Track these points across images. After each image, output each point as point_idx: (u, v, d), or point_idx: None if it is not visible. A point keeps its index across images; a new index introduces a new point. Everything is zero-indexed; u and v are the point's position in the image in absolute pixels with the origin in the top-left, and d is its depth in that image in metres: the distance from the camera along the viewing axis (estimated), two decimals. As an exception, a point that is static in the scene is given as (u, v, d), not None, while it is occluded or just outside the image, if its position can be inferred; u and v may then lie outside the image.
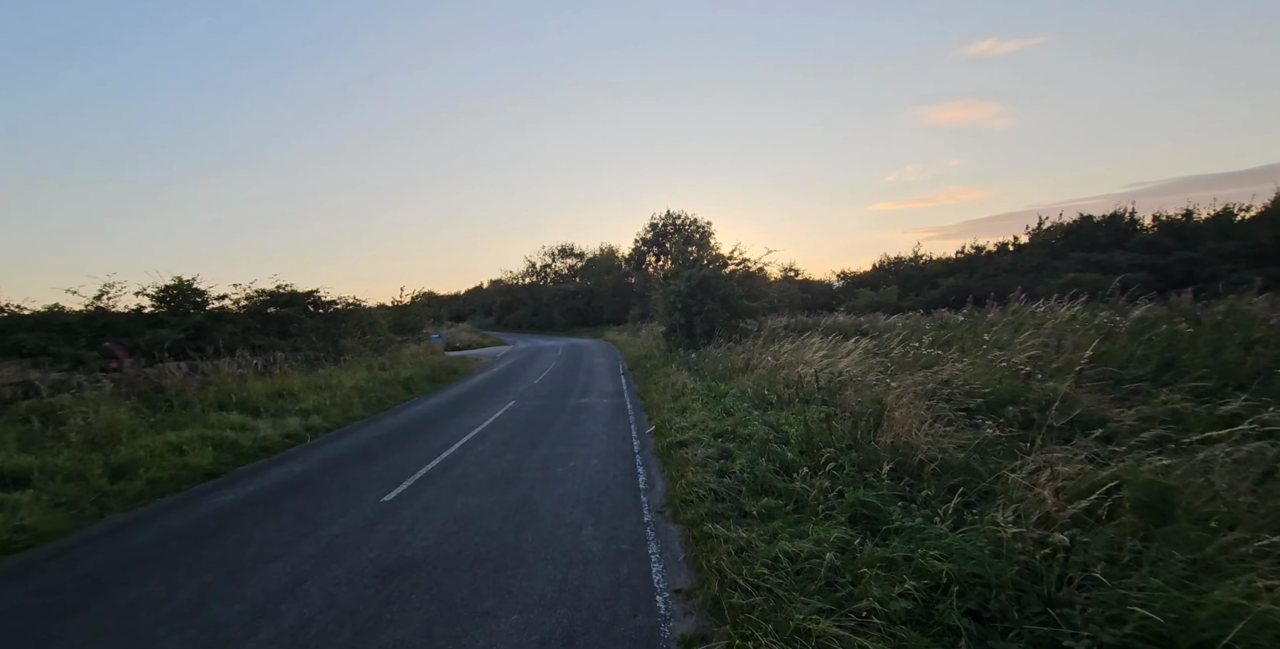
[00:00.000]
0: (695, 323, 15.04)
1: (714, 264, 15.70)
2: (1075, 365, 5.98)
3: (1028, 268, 30.01)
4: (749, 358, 10.84)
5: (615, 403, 10.81)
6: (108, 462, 5.89)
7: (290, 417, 9.27)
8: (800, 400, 6.76)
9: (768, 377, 8.98)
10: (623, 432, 8.14)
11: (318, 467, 6.87)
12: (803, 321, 22.18)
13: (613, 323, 46.24)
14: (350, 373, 13.58)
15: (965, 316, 11.25)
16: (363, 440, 8.43)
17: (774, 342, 12.29)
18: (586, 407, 10.45)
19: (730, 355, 11.92)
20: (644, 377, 13.89)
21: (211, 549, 4.35)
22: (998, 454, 3.96)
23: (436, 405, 11.71)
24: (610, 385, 13.45)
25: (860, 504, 3.63)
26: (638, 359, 18.12)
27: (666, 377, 11.88)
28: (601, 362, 19.91)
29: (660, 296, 16.69)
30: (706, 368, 11.81)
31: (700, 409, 7.95)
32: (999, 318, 10.80)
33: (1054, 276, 26.50)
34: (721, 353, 13.09)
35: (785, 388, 7.57)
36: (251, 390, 10.01)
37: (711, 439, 6.30)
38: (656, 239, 50.60)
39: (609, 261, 59.65)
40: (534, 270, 70.36)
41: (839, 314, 27.79)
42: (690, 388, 9.66)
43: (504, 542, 4.21)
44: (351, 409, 10.60)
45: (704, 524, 4.04)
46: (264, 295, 15.88)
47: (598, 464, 6.35)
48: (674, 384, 10.68)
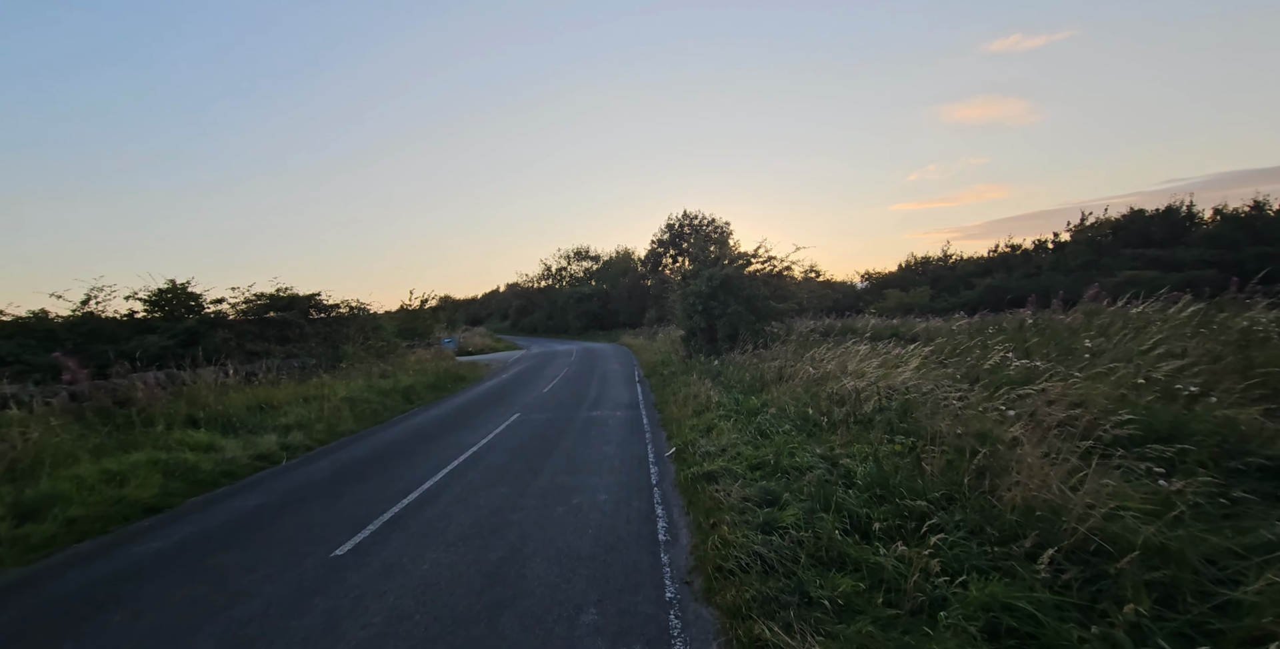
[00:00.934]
0: (717, 326, 13.78)
1: (736, 262, 14.42)
2: (1220, 381, 4.60)
3: (1072, 266, 28.02)
4: (781, 366, 9.56)
5: (630, 416, 9.63)
6: (19, 498, 4.91)
7: (267, 433, 8.29)
8: (856, 423, 5.49)
9: (807, 390, 7.70)
10: (638, 454, 6.95)
11: (277, 500, 5.81)
12: (831, 325, 20.75)
13: (628, 326, 45.12)
14: (347, 381, 12.65)
15: (1033, 319, 9.79)
16: (342, 463, 7.39)
17: (806, 347, 10.98)
18: (598, 421, 9.28)
19: (759, 363, 10.64)
20: (661, 385, 12.69)
21: (70, 640, 3.27)
22: (1203, 528, 2.62)
23: (435, 418, 10.67)
24: (625, 395, 12.27)
25: (1000, 607, 2.38)
26: (654, 365, 16.93)
27: (686, 386, 10.66)
28: (616, 368, 18.76)
29: (678, 298, 15.46)
30: (731, 377, 10.55)
31: (729, 429, 6.72)
32: (1076, 320, 9.35)
33: (1106, 275, 24.56)
34: (747, 360, 11.80)
35: (833, 405, 6.30)
36: (230, 403, 9.07)
37: (747, 472, 5.07)
38: (673, 240, 49.38)
39: (625, 264, 58.62)
40: (549, 273, 69.77)
41: (869, 316, 26.17)
42: (715, 401, 8.43)
43: (472, 634, 3.05)
44: (340, 423, 9.61)
45: (751, 618, 2.83)
46: (263, 299, 15.11)
47: (607, 501, 5.17)
48: (695, 396, 9.45)
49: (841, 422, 5.65)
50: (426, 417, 10.97)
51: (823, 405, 6.29)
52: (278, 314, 15.06)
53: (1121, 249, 26.63)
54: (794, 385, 8.31)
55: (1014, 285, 27.83)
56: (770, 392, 8.28)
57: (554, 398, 12.36)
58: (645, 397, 12.03)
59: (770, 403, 7.59)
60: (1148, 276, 20.21)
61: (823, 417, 6.10)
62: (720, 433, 6.69)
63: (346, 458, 7.68)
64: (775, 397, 7.78)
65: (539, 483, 5.87)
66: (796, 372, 9.22)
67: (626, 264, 58.25)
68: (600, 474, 6.10)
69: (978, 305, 26.46)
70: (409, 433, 9.25)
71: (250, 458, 7.30)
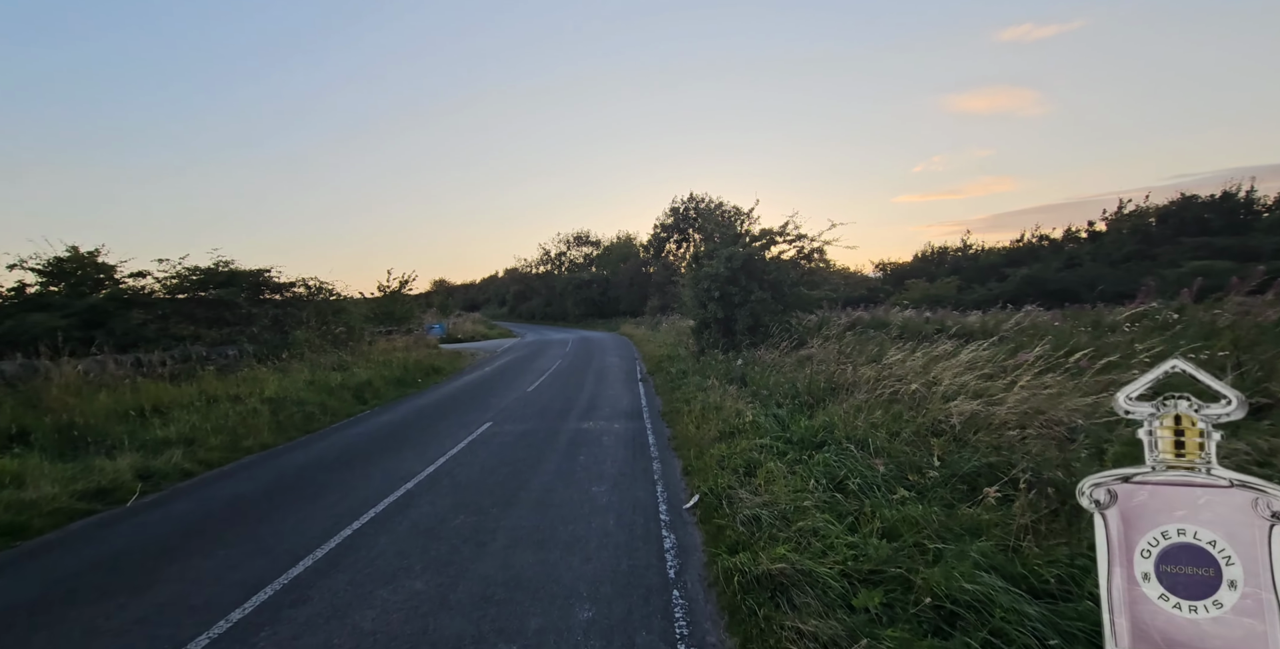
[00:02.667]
0: (737, 316, 11.42)
1: (760, 240, 12.00)
2: None
3: (1115, 257, 25.56)
4: (833, 372, 7.22)
5: (630, 431, 7.33)
6: None
7: (129, 453, 5.98)
8: (1035, 487, 3.14)
9: (887, 410, 5.37)
10: (644, 504, 4.65)
11: (70, 578, 3.52)
12: (858, 317, 18.35)
13: (629, 315, 42.79)
14: (283, 376, 10.33)
15: (1178, 312, 7.43)
16: (211, 505, 5.09)
17: (862, 346, 8.64)
18: (589, 437, 6.98)
19: (799, 366, 8.29)
20: (669, 386, 10.38)
21: None
22: None
23: (380, 428, 8.36)
24: (625, 399, 9.96)
25: None
26: (659, 360, 14.62)
27: (703, 392, 8.35)
28: (615, 362, 16.45)
29: (689, 283, 13.07)
30: (760, 381, 8.23)
31: (783, 473, 4.40)
32: (1204, 316, 7.03)
33: (1163, 267, 22.11)
34: (778, 359, 9.47)
35: (952, 445, 3.97)
36: (90, 409, 6.74)
37: (844, 582, 2.77)
38: (678, 225, 46.73)
39: (626, 250, 56.04)
40: (548, 258, 67.26)
41: (894, 309, 23.75)
42: (749, 421, 6.11)
43: None
44: (249, 435, 7.29)
45: None
46: (196, 274, 12.72)
47: (591, 621, 2.87)
48: (718, 407, 7.13)
49: (983, 479, 3.31)
50: (372, 424, 8.65)
51: (944, 445, 3.96)
52: (214, 292, 12.68)
53: (1177, 238, 24.12)
54: (858, 401, 5.97)
55: (1053, 276, 25.42)
56: (827, 409, 5.95)
57: (538, 400, 10.05)
58: (650, 401, 9.72)
59: (833, 427, 5.25)
60: (1221, 267, 17.87)
61: (935, 466, 3.77)
62: (771, 478, 4.36)
63: (226, 495, 5.37)
64: (839, 418, 5.44)
65: (482, 568, 3.56)
66: (852, 379, 6.89)
67: (628, 249, 55.70)
68: (584, 550, 3.79)
69: (1016, 297, 24.06)
70: (335, 451, 6.95)
71: (75, 497, 4.98)
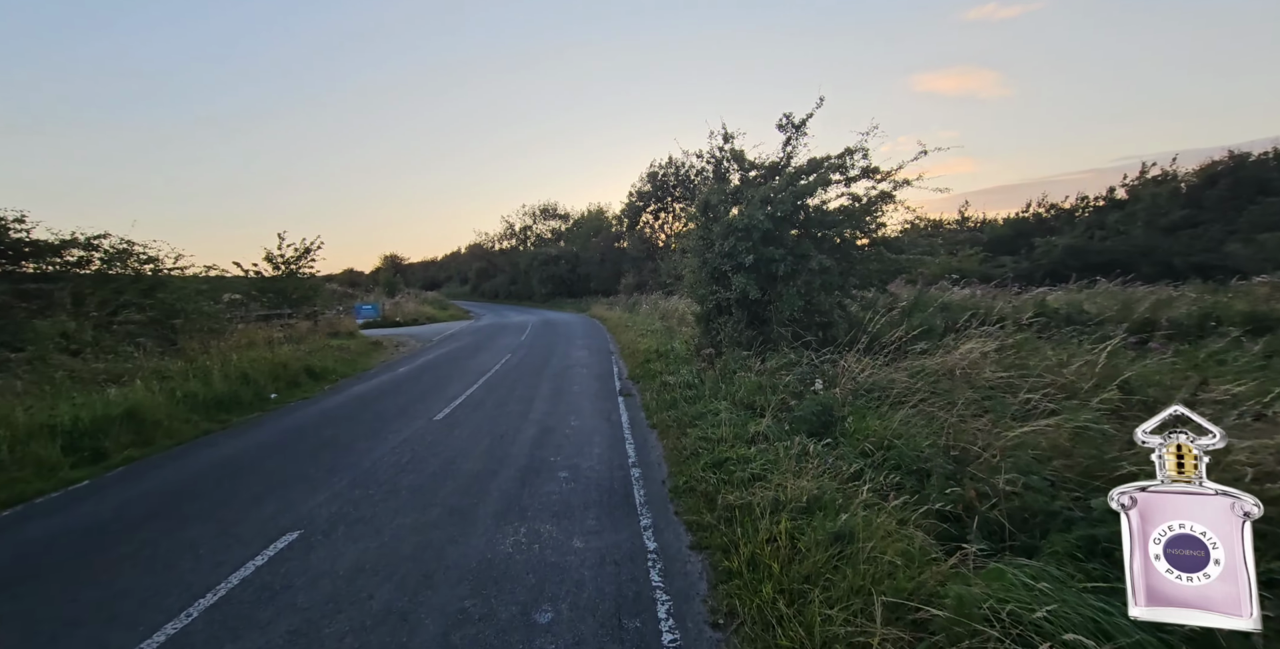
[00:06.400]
0: (783, 296, 6.99)
1: (812, 176, 7.52)
2: None
3: (1161, 225, 22.25)
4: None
5: (618, 589, 2.91)
6: None
7: None
8: None
9: None
10: None
11: None
12: (894, 297, 14.27)
13: (601, 293, 38.09)
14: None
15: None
16: None
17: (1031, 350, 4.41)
18: (506, 626, 2.54)
19: (942, 396, 3.94)
20: (674, 418, 6.00)
21: None
22: None
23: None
24: (596, 446, 5.50)
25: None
26: (644, 359, 10.19)
27: (747, 444, 4.01)
28: (584, 358, 11.93)
29: (694, 248, 8.52)
30: (863, 430, 3.93)
31: None
32: None
33: (1233, 234, 18.77)
34: (872, 372, 5.15)
35: None
36: None
37: None
38: (655, 192, 41.77)
39: (597, 222, 50.65)
40: (512, 232, 61.37)
41: (919, 285, 19.53)
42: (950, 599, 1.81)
43: None
44: None
45: None
46: None
47: None
48: (843, 532, 2.80)
49: None
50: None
51: None
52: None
53: (1233, 201, 20.81)
54: None
55: (1097, 247, 22.00)
56: None
57: (444, 451, 5.48)
58: (641, 454, 5.29)
59: None
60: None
61: None
62: None
63: None
64: None
65: None
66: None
67: (599, 223, 50.42)
68: None
69: (1054, 270, 20.54)
70: None
71: None
